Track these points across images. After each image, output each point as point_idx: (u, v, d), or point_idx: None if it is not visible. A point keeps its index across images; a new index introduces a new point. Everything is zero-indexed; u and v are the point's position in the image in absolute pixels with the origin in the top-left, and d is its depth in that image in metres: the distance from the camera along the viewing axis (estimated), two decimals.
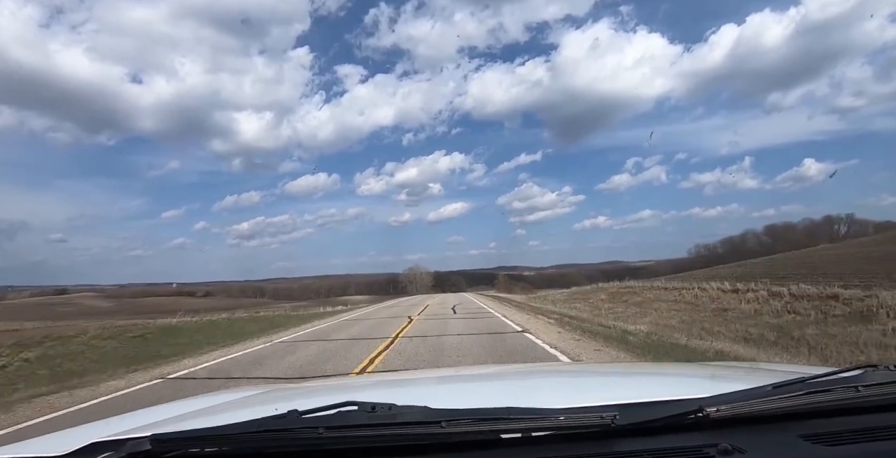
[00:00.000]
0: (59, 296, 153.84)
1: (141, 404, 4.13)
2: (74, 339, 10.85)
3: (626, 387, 1.39)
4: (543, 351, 7.30)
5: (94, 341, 10.75)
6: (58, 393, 6.04)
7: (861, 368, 0.97)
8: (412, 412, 0.79)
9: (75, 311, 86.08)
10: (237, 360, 8.35)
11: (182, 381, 6.51)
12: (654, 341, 8.16)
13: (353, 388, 1.72)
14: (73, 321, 22.34)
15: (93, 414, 4.74)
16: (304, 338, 11.63)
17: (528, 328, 10.47)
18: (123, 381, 6.75)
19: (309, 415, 0.80)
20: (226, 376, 6.72)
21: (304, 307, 37.91)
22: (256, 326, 15.51)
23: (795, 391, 0.85)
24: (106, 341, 10.98)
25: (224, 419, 0.85)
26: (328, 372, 6.51)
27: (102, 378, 6.99)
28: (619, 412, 0.79)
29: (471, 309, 19.70)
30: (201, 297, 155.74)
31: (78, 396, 5.88)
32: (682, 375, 1.59)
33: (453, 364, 6.54)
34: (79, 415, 4.90)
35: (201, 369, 7.48)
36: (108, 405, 5.34)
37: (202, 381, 6.36)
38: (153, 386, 6.24)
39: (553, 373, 1.99)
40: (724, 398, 0.85)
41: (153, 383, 6.47)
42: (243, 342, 11.21)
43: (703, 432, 0.82)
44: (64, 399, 5.72)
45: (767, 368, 1.66)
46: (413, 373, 3.46)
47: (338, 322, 16.63)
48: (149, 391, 5.93)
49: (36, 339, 10.66)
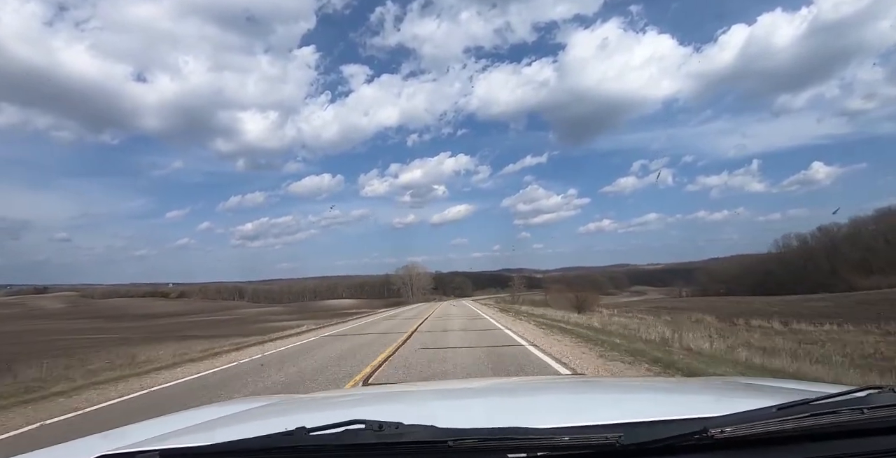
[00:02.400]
0: (36, 295, 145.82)
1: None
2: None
3: (631, 405, 1.34)
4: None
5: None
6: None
7: (866, 389, 0.96)
8: (419, 431, 0.79)
9: (9, 313, 75.51)
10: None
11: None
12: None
13: (359, 402, 1.72)
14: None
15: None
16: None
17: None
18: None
19: (317, 432, 0.80)
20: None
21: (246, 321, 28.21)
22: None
23: (800, 413, 0.83)
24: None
25: (232, 433, 0.84)
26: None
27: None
28: (624, 432, 0.79)
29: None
30: (175, 298, 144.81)
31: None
32: (686, 392, 1.58)
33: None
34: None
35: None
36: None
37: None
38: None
39: (557, 388, 1.92)
40: (730, 419, 0.83)
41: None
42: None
43: (707, 453, 0.81)
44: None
45: (773, 384, 1.68)
46: (417, 385, 3.28)
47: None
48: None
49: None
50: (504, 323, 16.92)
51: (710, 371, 5.92)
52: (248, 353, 10.93)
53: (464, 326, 16.86)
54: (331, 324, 22.91)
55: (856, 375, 6.99)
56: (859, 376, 6.99)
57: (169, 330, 30.94)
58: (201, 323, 41.97)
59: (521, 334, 12.26)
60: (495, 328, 15.02)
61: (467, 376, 6.58)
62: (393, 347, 10.52)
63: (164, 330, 31.40)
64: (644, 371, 6.44)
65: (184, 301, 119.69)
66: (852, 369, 7.82)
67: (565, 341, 10.37)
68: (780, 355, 8.39)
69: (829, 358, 9.59)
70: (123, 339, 24.09)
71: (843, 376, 6.43)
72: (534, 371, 6.78)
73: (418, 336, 13.21)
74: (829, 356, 10.11)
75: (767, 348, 10.84)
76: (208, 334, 23.31)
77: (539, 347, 9.43)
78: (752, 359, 7.54)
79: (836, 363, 8.46)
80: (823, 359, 9.21)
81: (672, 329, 12.72)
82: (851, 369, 7.79)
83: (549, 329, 13.82)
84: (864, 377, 6.87)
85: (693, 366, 6.47)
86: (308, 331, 18.11)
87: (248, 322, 38.75)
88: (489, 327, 15.53)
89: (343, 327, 20.21)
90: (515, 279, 72.42)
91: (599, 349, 8.75)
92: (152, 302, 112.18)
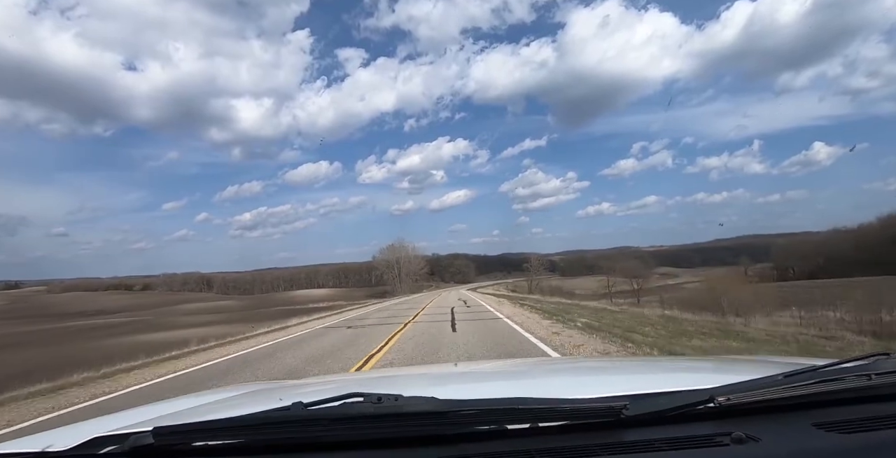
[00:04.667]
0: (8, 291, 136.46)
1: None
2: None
3: (636, 379, 1.36)
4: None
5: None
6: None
7: (872, 356, 0.95)
8: (418, 402, 0.77)
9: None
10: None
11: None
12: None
13: (358, 382, 1.68)
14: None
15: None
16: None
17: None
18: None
19: (314, 407, 0.78)
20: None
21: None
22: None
23: (807, 380, 0.83)
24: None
25: (227, 414, 0.81)
26: None
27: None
28: (630, 403, 0.78)
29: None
30: (139, 291, 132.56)
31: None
32: (691, 367, 1.61)
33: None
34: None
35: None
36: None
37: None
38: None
39: (562, 367, 1.94)
40: (736, 387, 0.83)
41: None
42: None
43: (715, 421, 0.80)
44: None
45: (777, 360, 1.64)
46: (419, 368, 3.23)
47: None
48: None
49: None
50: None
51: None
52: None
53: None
54: (226, 344, 11.52)
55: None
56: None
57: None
58: (98, 327, 30.44)
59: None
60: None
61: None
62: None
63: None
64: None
65: (137, 295, 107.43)
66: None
67: None
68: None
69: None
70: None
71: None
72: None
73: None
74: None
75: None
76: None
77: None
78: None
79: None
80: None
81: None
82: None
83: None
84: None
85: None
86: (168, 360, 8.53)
87: (138, 330, 27.08)
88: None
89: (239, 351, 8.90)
90: (533, 260, 59.55)
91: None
92: (105, 297, 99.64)
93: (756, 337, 7.93)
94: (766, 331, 9.03)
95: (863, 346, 7.70)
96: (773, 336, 8.18)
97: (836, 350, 6.82)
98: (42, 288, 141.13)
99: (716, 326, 9.73)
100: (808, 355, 5.67)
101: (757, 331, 8.94)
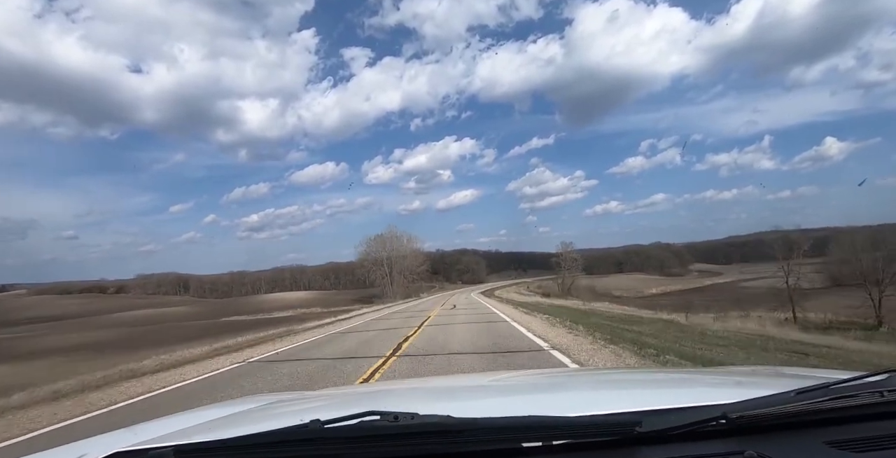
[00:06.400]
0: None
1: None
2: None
3: (648, 393, 1.34)
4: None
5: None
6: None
7: (885, 372, 0.93)
8: (434, 421, 0.77)
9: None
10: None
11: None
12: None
13: (373, 396, 1.70)
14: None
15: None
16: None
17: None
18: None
19: (332, 425, 0.79)
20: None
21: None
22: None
23: (819, 397, 0.82)
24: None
25: (246, 430, 0.83)
26: None
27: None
28: (642, 420, 0.78)
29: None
30: (113, 293, 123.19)
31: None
32: (704, 381, 1.56)
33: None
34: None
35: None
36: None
37: None
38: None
39: (573, 379, 1.92)
40: (748, 404, 0.82)
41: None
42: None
43: (728, 439, 0.80)
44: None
45: (791, 373, 1.64)
46: (430, 381, 3.25)
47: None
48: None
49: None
50: None
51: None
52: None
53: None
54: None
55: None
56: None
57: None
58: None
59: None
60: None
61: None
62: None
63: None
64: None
65: (119, 297, 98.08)
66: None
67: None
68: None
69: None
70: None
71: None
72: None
73: None
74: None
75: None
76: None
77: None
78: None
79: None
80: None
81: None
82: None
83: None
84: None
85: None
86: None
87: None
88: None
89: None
90: (564, 255, 48.13)
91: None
92: (65, 301, 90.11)
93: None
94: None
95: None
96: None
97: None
98: (23, 291, 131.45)
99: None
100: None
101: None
